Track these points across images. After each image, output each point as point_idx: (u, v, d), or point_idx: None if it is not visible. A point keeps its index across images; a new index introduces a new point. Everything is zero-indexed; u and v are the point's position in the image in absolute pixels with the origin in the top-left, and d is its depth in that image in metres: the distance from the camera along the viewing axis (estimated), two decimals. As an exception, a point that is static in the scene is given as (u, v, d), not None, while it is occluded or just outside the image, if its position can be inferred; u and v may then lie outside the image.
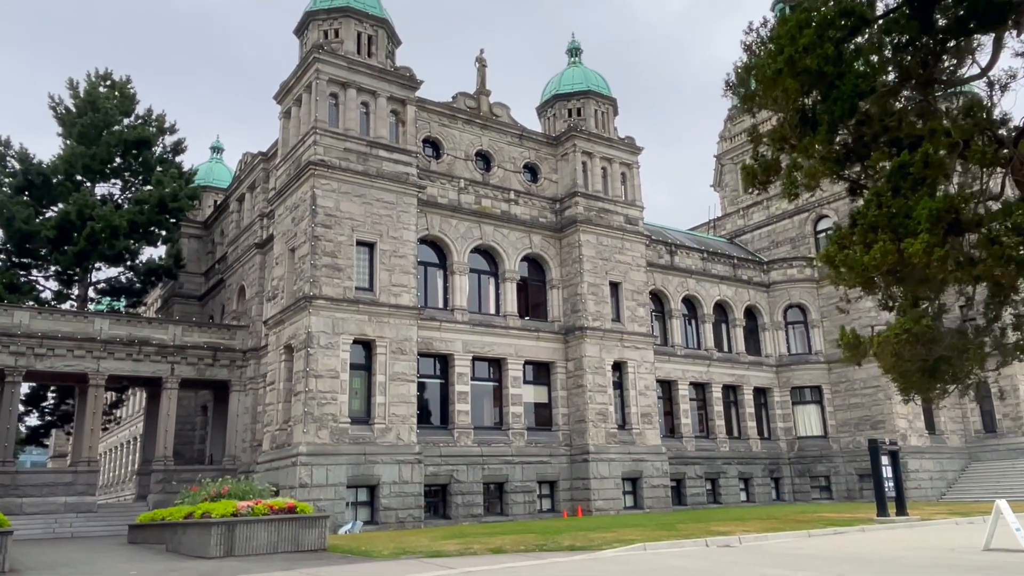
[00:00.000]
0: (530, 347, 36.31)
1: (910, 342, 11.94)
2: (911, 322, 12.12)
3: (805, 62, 11.30)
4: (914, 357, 12.11)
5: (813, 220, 50.94)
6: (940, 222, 10.14)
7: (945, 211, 10.17)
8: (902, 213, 10.62)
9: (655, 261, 43.34)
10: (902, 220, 10.62)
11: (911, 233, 10.29)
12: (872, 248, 10.51)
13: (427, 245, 34.69)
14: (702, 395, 44.73)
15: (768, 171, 12.46)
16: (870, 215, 10.89)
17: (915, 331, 11.93)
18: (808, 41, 11.34)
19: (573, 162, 38.55)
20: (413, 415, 30.48)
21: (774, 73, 11.58)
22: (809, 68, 11.33)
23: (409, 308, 31.20)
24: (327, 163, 30.02)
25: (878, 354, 12.57)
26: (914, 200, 10.33)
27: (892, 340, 12.02)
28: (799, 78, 11.35)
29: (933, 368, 12.71)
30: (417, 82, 32.82)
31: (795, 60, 11.38)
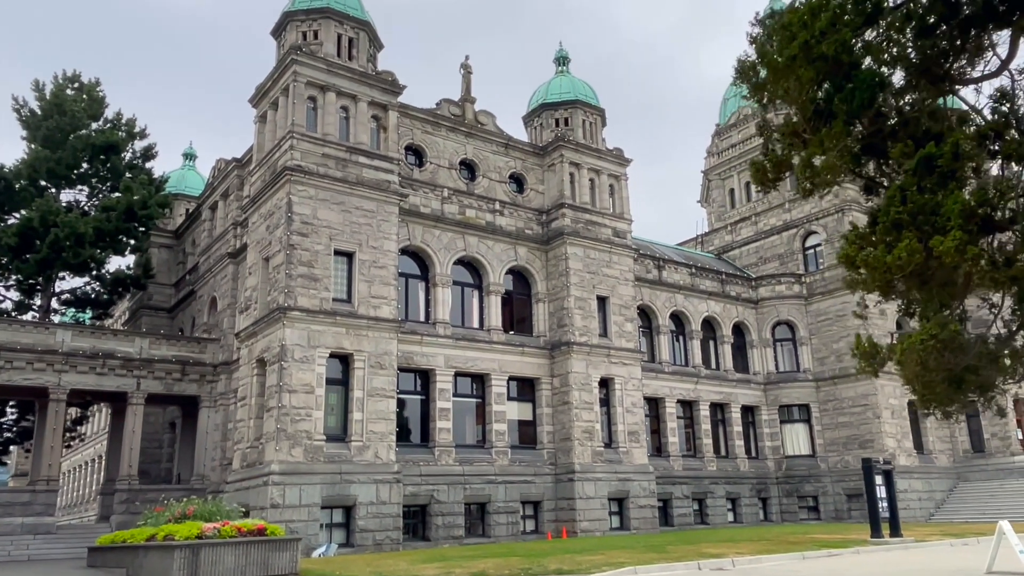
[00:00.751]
0: (514, 363, 35.28)
1: (937, 349, 10.92)
2: (937, 328, 11.09)
3: (821, 48, 10.30)
4: (940, 366, 11.07)
5: (802, 236, 50.49)
6: (972, 219, 9.12)
7: (978, 206, 9.14)
8: (928, 210, 9.59)
9: (643, 276, 42.54)
10: (928, 217, 9.59)
11: (939, 231, 9.27)
12: (896, 247, 9.45)
13: (409, 256, 33.58)
14: (689, 413, 43.99)
15: (779, 167, 11.47)
16: (893, 212, 9.86)
17: (942, 337, 10.89)
18: (824, 26, 10.35)
19: (560, 173, 37.61)
20: (392, 432, 29.31)
21: (787, 60, 10.59)
22: (825, 55, 10.33)
23: (389, 321, 30.05)
24: (304, 169, 28.87)
25: (902, 362, 11.53)
26: (943, 195, 9.28)
27: (918, 347, 10.97)
28: (814, 65, 10.35)
29: (959, 378, 11.67)
30: (399, 87, 31.78)
31: (810, 46, 10.38)
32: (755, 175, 13.00)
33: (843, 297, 46.57)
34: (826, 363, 46.72)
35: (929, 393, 12.10)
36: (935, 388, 11.80)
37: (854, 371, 45.04)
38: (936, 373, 11.38)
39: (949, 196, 9.38)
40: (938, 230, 9.28)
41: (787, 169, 12.15)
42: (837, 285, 46.78)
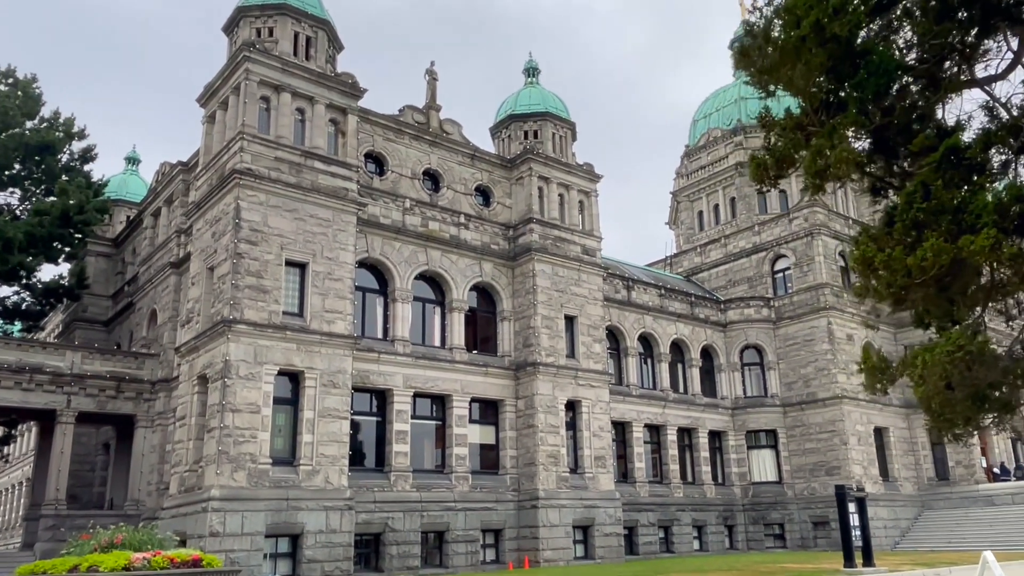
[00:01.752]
0: (478, 383, 33.80)
1: (966, 362, 9.56)
2: (965, 339, 9.74)
3: (833, 28, 8.96)
4: (965, 381, 9.72)
5: (771, 260, 49.98)
6: (1007, 216, 7.80)
7: (1013, 202, 7.83)
8: (954, 207, 8.24)
9: (611, 296, 41.47)
10: (956, 215, 8.25)
11: (968, 229, 7.94)
12: (918, 248, 8.09)
13: (366, 269, 31.88)
14: (656, 438, 43.09)
15: (782, 164, 10.19)
16: (914, 210, 8.48)
17: (971, 349, 9.54)
18: (837, 3, 9.02)
19: (529, 187, 36.28)
20: (344, 456, 27.57)
21: (797, 41, 9.23)
22: (838, 36, 8.99)
23: (344, 337, 28.34)
24: (254, 172, 27.11)
25: (923, 376, 10.12)
26: (972, 189, 7.97)
27: (944, 360, 9.60)
28: (826, 48, 8.99)
29: (983, 396, 10.34)
30: (360, 90, 30.20)
31: (822, 26, 9.04)
32: (755, 172, 11.67)
33: (811, 322, 46.34)
34: (794, 388, 46.28)
35: (950, 412, 10.75)
36: (956, 407, 10.45)
37: (821, 396, 45.42)
38: (960, 390, 10.05)
39: (979, 191, 8.11)
40: (967, 229, 8.02)
41: (790, 166, 10.87)
42: (806, 309, 46.55)
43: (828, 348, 45.45)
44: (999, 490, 44.79)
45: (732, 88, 63.68)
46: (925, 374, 9.89)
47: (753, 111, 60.74)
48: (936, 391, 9.90)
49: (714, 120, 62.58)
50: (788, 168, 10.83)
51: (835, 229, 48.83)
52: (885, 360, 11.48)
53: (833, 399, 44.53)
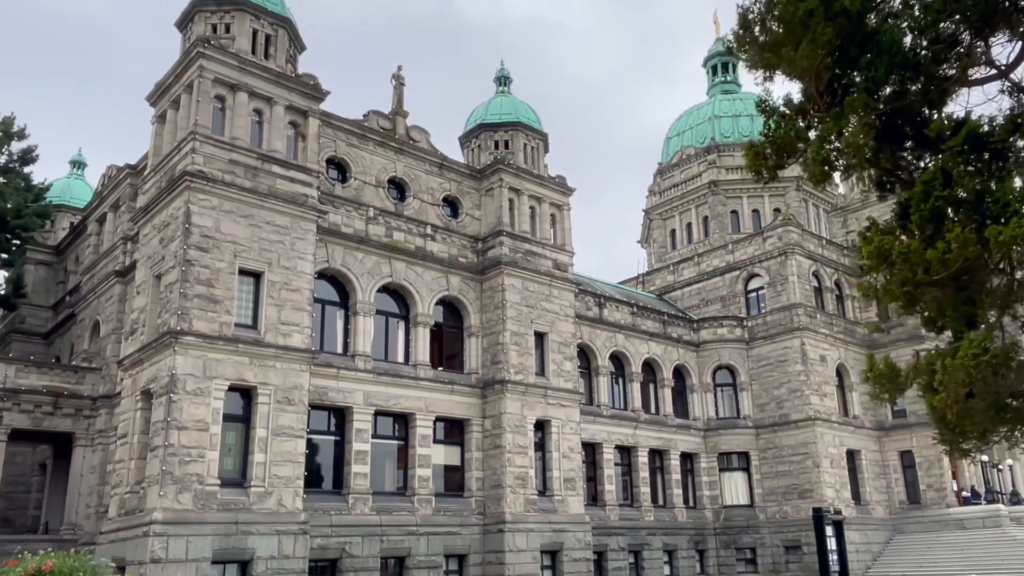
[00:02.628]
0: (443, 402, 32.50)
1: (991, 367, 8.44)
2: (990, 340, 8.64)
3: (844, 1, 7.90)
4: (988, 389, 8.61)
5: (744, 279, 49.55)
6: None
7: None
8: (977, 195, 7.16)
9: (583, 313, 40.53)
10: (976, 204, 7.17)
11: (994, 218, 6.85)
12: (937, 241, 6.98)
13: (326, 280, 30.47)
14: (627, 460, 42.12)
15: (782, 152, 9.14)
16: (933, 199, 7.39)
17: (996, 352, 8.44)
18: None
19: (499, 198, 35.12)
20: (300, 477, 26.06)
21: (803, 16, 8.16)
22: (848, 10, 7.93)
23: (301, 351, 26.89)
24: (207, 175, 25.63)
25: (943, 382, 9.00)
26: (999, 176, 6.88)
27: (968, 364, 8.47)
28: (836, 23, 7.93)
29: (1003, 406, 9.24)
30: (322, 92, 28.87)
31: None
32: (752, 162, 10.63)
33: (785, 342, 45.83)
34: (766, 409, 45.70)
35: (969, 423, 9.60)
36: (975, 417, 9.34)
37: (794, 418, 44.78)
38: (982, 398, 8.95)
39: (1007, 177, 7.06)
40: (992, 218, 6.95)
41: (791, 154, 9.85)
42: (779, 330, 46.08)
43: (801, 369, 45.00)
44: (970, 514, 44.60)
45: (706, 106, 63.37)
46: (945, 380, 8.78)
47: (727, 130, 60.57)
48: (955, 399, 8.81)
49: (687, 138, 62.18)
50: (789, 157, 9.87)
51: (809, 249, 48.46)
52: (893, 368, 10.39)
53: (806, 421, 44.02)
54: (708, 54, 66.54)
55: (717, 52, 65.82)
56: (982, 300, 8.64)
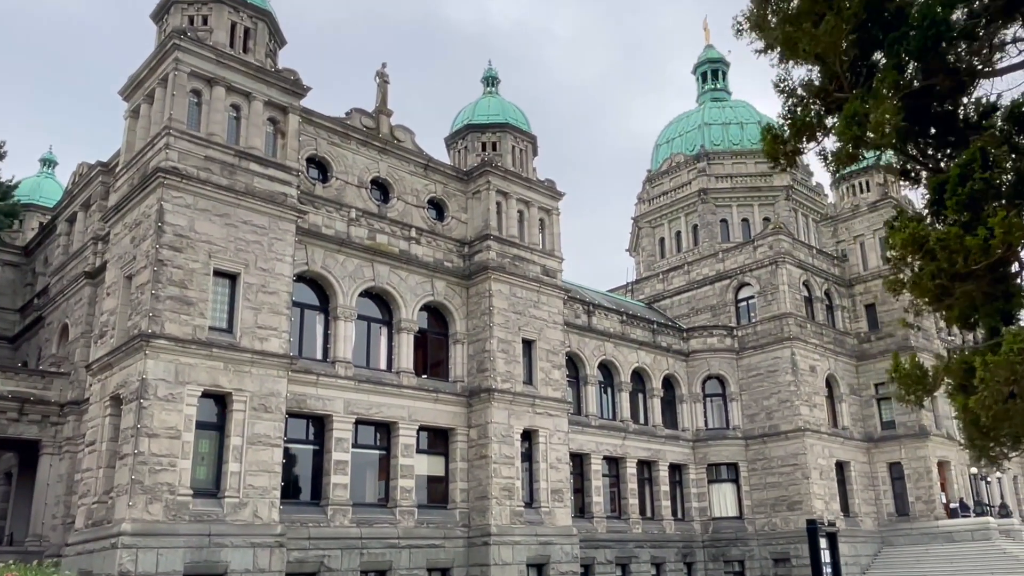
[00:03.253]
0: (427, 410, 31.58)
1: None
2: None
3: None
4: None
5: (735, 288, 49.03)
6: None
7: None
8: (1018, 178, 6.34)
9: (571, 321, 39.77)
10: (1018, 188, 6.34)
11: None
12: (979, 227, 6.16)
13: (306, 283, 29.46)
14: (615, 471, 41.47)
15: (801, 134, 8.31)
16: (972, 183, 6.56)
17: None
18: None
19: (486, 201, 34.26)
20: (276, 487, 25.12)
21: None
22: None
23: (278, 356, 25.92)
24: (181, 172, 24.64)
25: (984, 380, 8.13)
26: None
27: (1015, 359, 7.62)
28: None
29: None
30: (303, 88, 27.94)
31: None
32: (770, 146, 9.88)
33: (775, 352, 45.41)
34: (756, 420, 45.25)
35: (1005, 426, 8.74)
36: (1014, 419, 8.48)
37: (784, 429, 44.23)
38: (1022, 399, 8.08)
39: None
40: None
41: (811, 138, 9.00)
42: (769, 339, 45.67)
43: (791, 379, 44.63)
44: (959, 526, 44.25)
45: (696, 114, 62.90)
46: (986, 378, 7.89)
47: (717, 138, 60.06)
48: (995, 399, 7.92)
49: (677, 145, 61.69)
50: (809, 140, 9.02)
51: (799, 258, 48.01)
52: (921, 367, 9.51)
53: (796, 432, 43.69)
54: (698, 60, 66.09)
55: (708, 59, 65.49)
56: (1020, 294, 7.85)
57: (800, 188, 59.23)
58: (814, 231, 59.17)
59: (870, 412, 48.61)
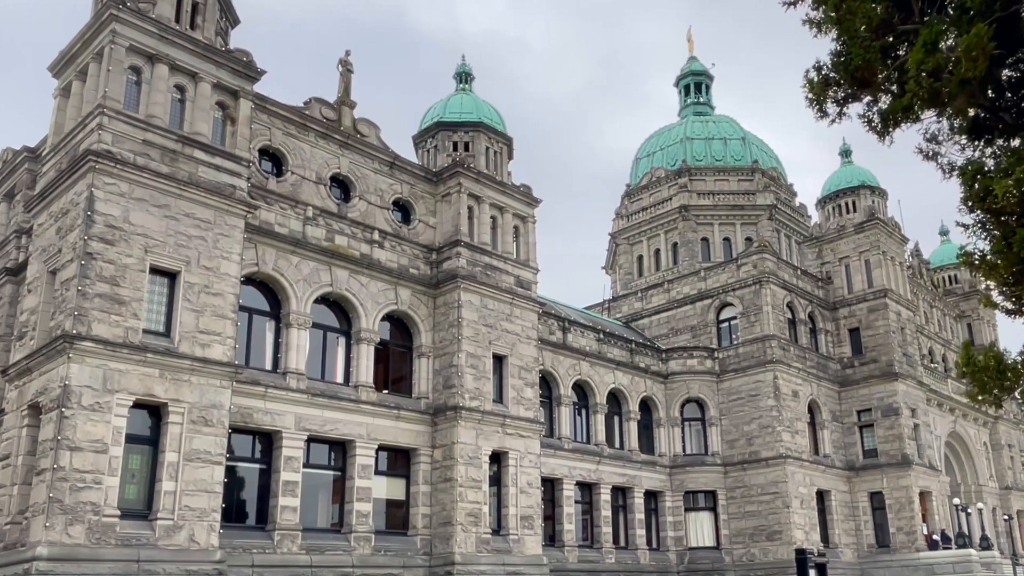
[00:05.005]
0: (387, 428, 29.54)
1: None
2: None
3: None
4: None
5: (716, 308, 47.72)
6: None
7: None
8: None
9: (545, 337, 38.04)
10: None
11: None
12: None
13: (255, 286, 27.21)
14: (589, 497, 39.89)
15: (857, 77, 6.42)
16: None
17: None
18: None
19: (457, 205, 32.24)
20: (216, 509, 23.03)
21: None
22: None
23: (222, 365, 23.75)
24: (115, 156, 22.38)
25: None
26: None
27: None
28: None
29: None
30: (257, 71, 25.77)
31: None
32: (818, 91, 7.97)
33: (757, 375, 44.14)
34: (736, 446, 43.99)
35: None
36: None
37: (765, 456, 42.70)
38: None
39: None
40: None
41: (868, 82, 7.07)
42: (752, 362, 44.45)
43: (773, 404, 43.37)
44: (940, 559, 43.35)
45: (678, 127, 61.56)
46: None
47: (700, 153, 58.67)
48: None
49: (658, 159, 60.31)
50: (864, 87, 7.40)
51: (784, 278, 46.65)
52: (999, 359, 7.58)
53: (777, 459, 42.53)
54: (681, 72, 64.90)
55: (691, 71, 64.50)
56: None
57: (783, 208, 58.10)
58: (797, 253, 57.93)
59: (852, 440, 47.79)
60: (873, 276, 48.38)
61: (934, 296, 60.24)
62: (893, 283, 48.94)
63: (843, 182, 51.17)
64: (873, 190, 50.61)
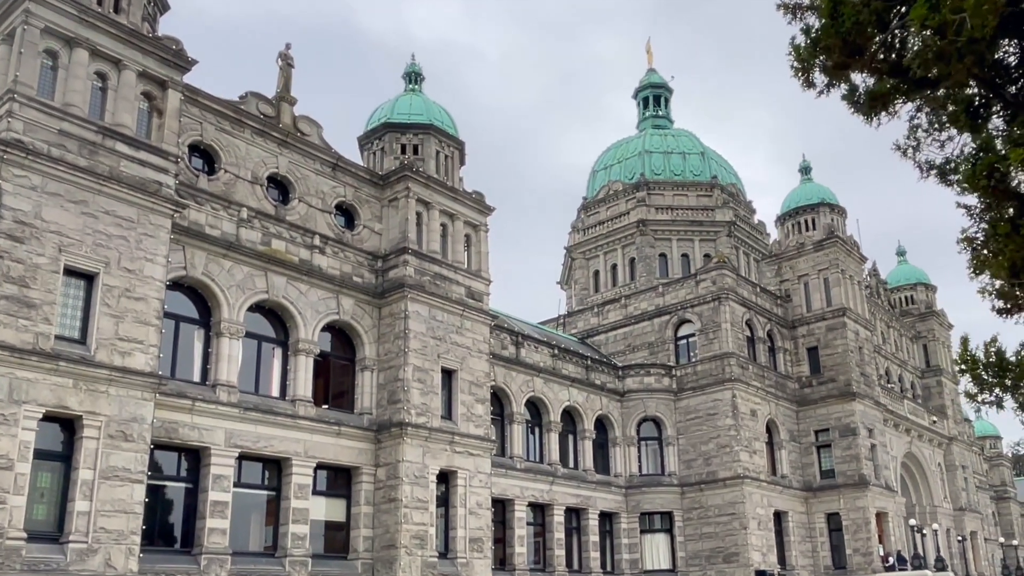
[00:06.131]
0: (327, 446, 28.03)
1: None
2: None
3: None
4: None
5: (675, 324, 47.02)
6: None
7: None
8: None
9: (498, 352, 36.94)
10: None
11: None
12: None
13: (183, 291, 25.56)
14: (541, 519, 38.80)
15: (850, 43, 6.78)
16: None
17: None
18: None
19: (405, 210, 30.88)
20: (136, 532, 21.41)
21: None
22: None
23: (144, 375, 22.12)
24: (27, 146, 20.67)
25: None
26: None
27: None
28: None
29: None
30: (187, 60, 24.19)
31: None
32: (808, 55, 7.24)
33: (715, 394, 43.47)
34: (693, 466, 43.30)
35: None
36: None
37: (722, 476, 41.94)
38: None
39: None
40: None
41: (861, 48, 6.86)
42: (710, 380, 43.87)
43: (732, 423, 42.81)
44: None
45: (636, 140, 60.94)
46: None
47: (658, 166, 58.05)
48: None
49: (615, 172, 59.65)
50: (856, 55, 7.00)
51: (743, 295, 46.09)
52: (1001, 355, 6.67)
53: (735, 479, 41.97)
54: (640, 84, 64.41)
55: (650, 83, 64.06)
56: None
57: (742, 225, 57.77)
58: (755, 270, 57.59)
59: (809, 460, 47.50)
60: (832, 295, 48.09)
61: (891, 316, 60.31)
62: (852, 302, 48.67)
63: (803, 199, 50.91)
64: (832, 208, 50.44)
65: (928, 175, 9.21)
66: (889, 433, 51.28)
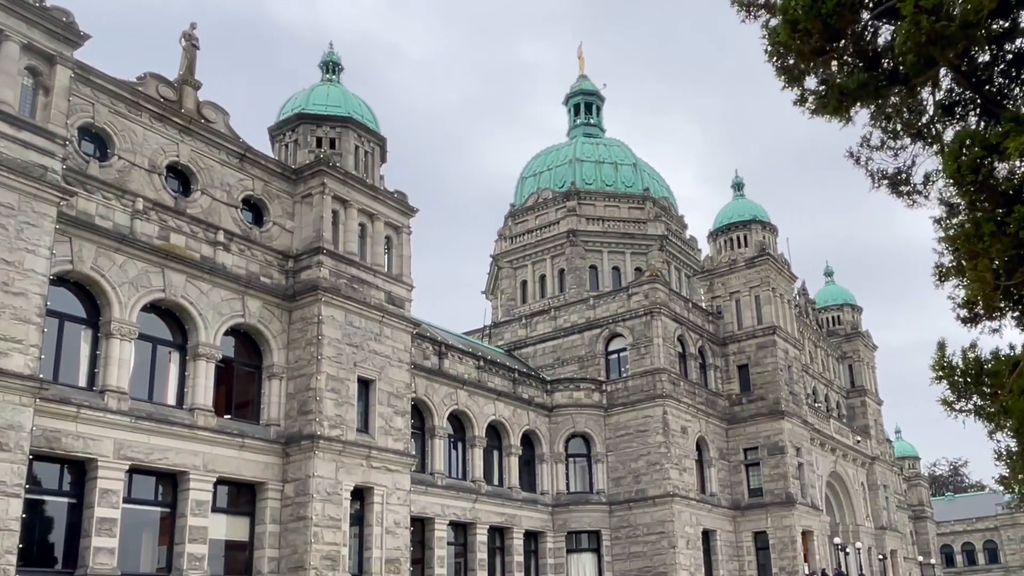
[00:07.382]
0: (228, 459, 26.31)
1: None
2: None
3: None
4: None
5: (605, 338, 46.61)
6: None
7: None
8: None
9: (419, 363, 35.70)
10: None
11: None
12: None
13: (68, 287, 23.48)
14: (463, 538, 37.83)
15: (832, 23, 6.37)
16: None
17: None
18: None
19: (319, 207, 29.26)
20: (12, 551, 19.61)
21: None
22: None
23: (22, 378, 20.12)
24: None
25: None
26: None
27: None
28: None
29: None
30: (79, 35, 22.19)
31: None
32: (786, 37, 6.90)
33: (646, 410, 43.00)
34: (622, 484, 42.78)
35: None
36: None
37: (652, 494, 41.33)
38: None
39: None
40: None
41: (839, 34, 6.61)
42: (641, 396, 43.53)
43: (662, 440, 42.52)
44: None
45: (567, 147, 60.24)
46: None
47: (589, 176, 57.43)
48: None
49: (545, 179, 58.91)
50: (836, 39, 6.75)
51: (675, 310, 45.81)
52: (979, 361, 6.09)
53: (664, 497, 41.57)
54: (571, 91, 63.82)
55: (581, 89, 63.61)
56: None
57: (674, 239, 57.63)
58: (687, 286, 57.47)
59: (738, 478, 47.68)
60: (763, 312, 48.12)
61: (818, 336, 60.88)
62: (782, 320, 48.77)
63: (735, 215, 50.94)
64: (764, 225, 50.61)
65: (880, 185, 9.29)
66: (816, 452, 51.58)
